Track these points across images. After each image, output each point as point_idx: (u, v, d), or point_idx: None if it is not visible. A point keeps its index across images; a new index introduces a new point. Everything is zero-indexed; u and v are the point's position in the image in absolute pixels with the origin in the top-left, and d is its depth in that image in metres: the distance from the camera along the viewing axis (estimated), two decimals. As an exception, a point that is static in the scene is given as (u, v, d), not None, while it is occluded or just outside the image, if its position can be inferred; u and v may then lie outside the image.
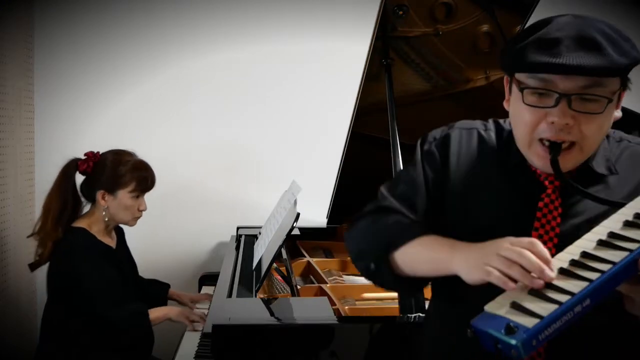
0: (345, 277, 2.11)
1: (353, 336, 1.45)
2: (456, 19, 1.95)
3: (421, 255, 1.00)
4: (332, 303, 1.65)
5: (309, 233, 2.58)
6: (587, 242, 0.87)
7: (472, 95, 2.17)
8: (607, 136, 1.06)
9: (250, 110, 2.96)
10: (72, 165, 2.00)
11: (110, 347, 1.93)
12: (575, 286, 0.79)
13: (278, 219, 2.02)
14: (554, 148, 0.95)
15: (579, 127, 0.94)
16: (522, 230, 1.00)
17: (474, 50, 2.04)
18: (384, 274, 1.04)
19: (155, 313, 2.00)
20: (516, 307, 0.79)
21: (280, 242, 1.78)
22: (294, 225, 1.72)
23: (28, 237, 2.01)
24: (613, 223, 0.88)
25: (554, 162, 0.94)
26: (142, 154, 2.08)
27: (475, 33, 1.99)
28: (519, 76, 0.98)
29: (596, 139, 0.98)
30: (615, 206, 0.92)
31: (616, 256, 0.82)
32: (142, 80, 2.91)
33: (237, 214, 2.92)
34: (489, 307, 0.81)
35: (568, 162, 0.97)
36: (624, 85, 0.98)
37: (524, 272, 0.81)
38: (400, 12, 1.90)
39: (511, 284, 0.81)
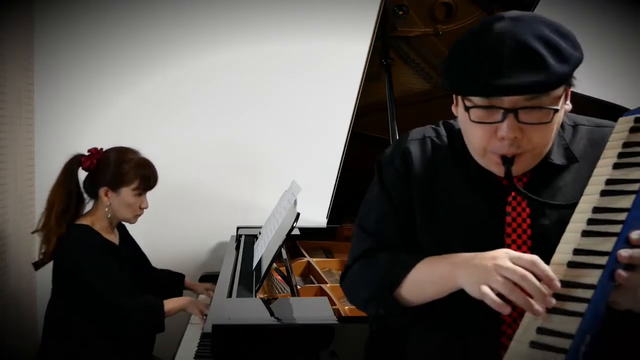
0: (345, 277, 2.11)
1: (353, 336, 1.44)
2: (456, 19, 1.95)
3: (425, 280, 0.99)
4: (332, 303, 1.65)
5: (309, 233, 2.58)
6: (563, 255, 0.85)
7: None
8: (561, 125, 1.05)
9: (251, 110, 2.96)
10: (76, 161, 2.00)
11: (115, 343, 1.93)
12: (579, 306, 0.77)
13: (278, 219, 2.02)
14: (507, 161, 0.95)
15: (529, 138, 0.94)
16: (495, 237, 1.00)
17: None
18: (396, 314, 1.04)
19: (170, 304, 2.00)
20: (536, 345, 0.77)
21: (280, 242, 1.78)
22: (294, 225, 1.72)
23: (33, 232, 2.02)
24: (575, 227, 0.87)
25: (508, 174, 0.94)
26: (143, 154, 2.08)
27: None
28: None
29: (547, 142, 0.98)
30: (568, 208, 0.92)
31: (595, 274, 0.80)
32: (142, 80, 2.91)
33: (237, 214, 2.93)
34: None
35: (523, 166, 0.98)
36: (569, 84, 0.96)
37: (526, 300, 0.81)
38: (400, 12, 1.90)
39: (505, 309, 0.82)
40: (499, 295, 0.84)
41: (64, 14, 2.83)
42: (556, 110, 0.93)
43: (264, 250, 1.99)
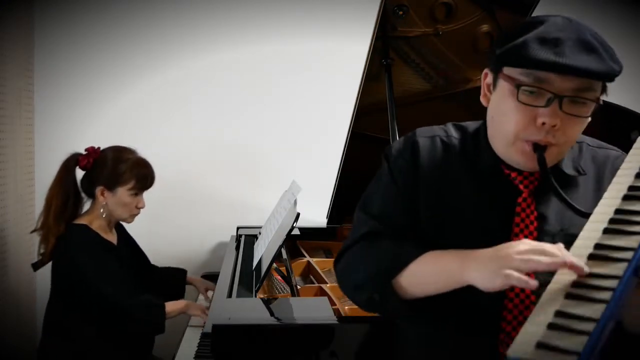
0: (345, 277, 2.11)
1: (353, 336, 1.44)
2: (456, 19, 1.95)
3: (429, 273, 0.97)
4: (332, 303, 1.65)
5: (309, 233, 2.58)
6: (582, 249, 0.84)
7: (472, 95, 2.17)
8: None
9: (250, 110, 2.96)
10: (73, 160, 2.00)
11: (114, 343, 1.93)
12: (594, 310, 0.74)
13: (278, 219, 2.02)
14: (540, 147, 0.96)
15: (564, 130, 0.95)
16: (501, 237, 0.98)
17: (474, 50, 2.04)
18: (391, 302, 1.01)
19: (172, 306, 1.99)
20: (542, 346, 0.72)
21: (280, 242, 1.78)
22: (294, 225, 1.72)
23: (31, 232, 2.01)
24: (591, 233, 0.86)
25: (542, 160, 0.95)
26: (142, 154, 2.08)
27: (475, 33, 1.99)
28: (511, 72, 0.97)
29: (573, 142, 1.01)
30: (583, 216, 0.92)
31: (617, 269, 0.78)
32: (142, 81, 2.91)
33: (237, 214, 2.92)
34: (514, 352, 0.73)
35: (548, 160, 0.98)
36: (604, 91, 0.99)
37: (549, 260, 0.79)
38: (400, 12, 1.90)
39: (532, 282, 0.79)
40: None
41: (64, 14, 2.83)
42: (598, 105, 0.96)
43: (264, 250, 1.99)
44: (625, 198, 0.87)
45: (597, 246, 0.82)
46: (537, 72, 0.93)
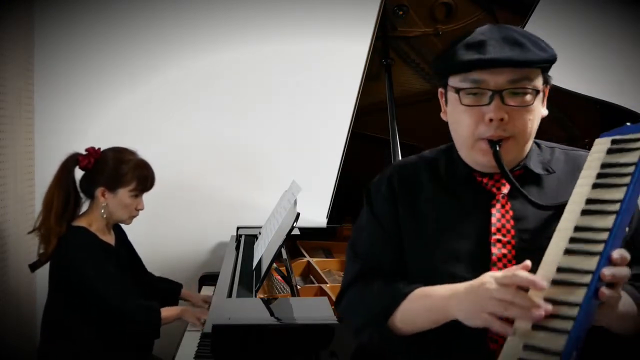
0: (345, 277, 2.11)
1: (353, 336, 1.44)
2: (456, 19, 1.95)
3: (418, 311, 1.03)
4: (332, 303, 1.65)
5: (309, 233, 2.58)
6: (546, 273, 0.87)
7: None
8: (539, 145, 1.14)
9: (250, 110, 2.96)
10: (72, 160, 2.00)
11: (113, 344, 1.93)
12: (573, 296, 0.81)
13: (278, 219, 2.02)
14: (494, 143, 1.02)
15: (513, 122, 1.02)
16: (480, 238, 1.05)
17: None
18: (391, 340, 1.06)
19: (167, 312, 1.99)
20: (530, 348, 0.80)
21: (280, 242, 1.78)
22: (294, 225, 1.72)
23: (29, 233, 2.00)
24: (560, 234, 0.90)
25: (496, 154, 1.01)
26: (142, 154, 2.08)
27: (475, 33, 1.99)
28: (453, 82, 1.06)
29: (529, 132, 1.05)
30: (545, 210, 1.01)
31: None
32: (142, 81, 2.91)
33: (237, 214, 2.92)
34: None
35: (507, 154, 1.04)
36: (546, 81, 1.06)
37: (523, 311, 0.83)
38: (400, 12, 1.90)
39: (510, 330, 0.85)
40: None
41: (64, 14, 2.83)
42: (537, 92, 1.03)
43: (264, 250, 1.99)
44: (584, 213, 0.89)
45: (560, 270, 0.86)
46: (472, 74, 1.02)
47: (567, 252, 0.86)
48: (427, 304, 1.01)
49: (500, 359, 0.84)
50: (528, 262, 0.88)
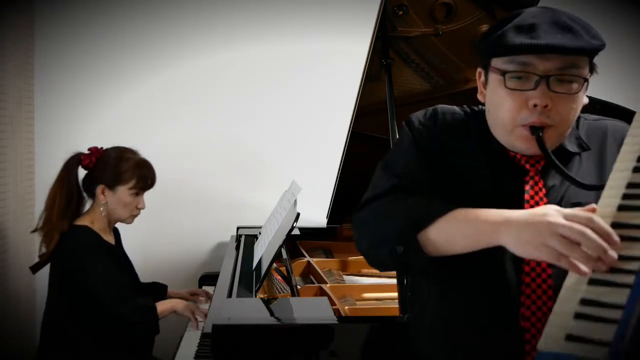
0: (345, 277, 2.11)
1: (353, 336, 1.44)
2: (456, 19, 1.95)
3: (458, 230, 0.96)
4: (332, 303, 1.65)
5: (309, 233, 2.58)
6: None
7: (472, 95, 2.17)
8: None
9: (250, 110, 2.96)
10: (75, 159, 2.01)
11: (113, 344, 1.93)
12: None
13: (278, 219, 2.02)
14: (537, 129, 0.99)
15: (557, 109, 0.99)
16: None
17: (474, 50, 2.04)
18: (414, 255, 0.99)
19: (161, 306, 2.00)
20: (572, 338, 0.70)
21: (280, 242, 1.78)
22: (294, 225, 1.72)
23: (32, 232, 2.01)
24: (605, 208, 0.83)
25: (540, 140, 0.98)
26: (142, 153, 2.08)
27: (475, 33, 1.99)
28: (497, 64, 1.03)
29: (571, 121, 1.03)
30: (589, 189, 0.96)
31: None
32: (142, 81, 2.91)
33: (237, 214, 2.92)
34: (545, 346, 0.71)
35: (548, 142, 1.01)
36: (592, 70, 1.03)
37: (587, 255, 0.76)
38: (400, 12, 1.90)
39: (585, 270, 0.77)
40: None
41: (64, 14, 2.83)
42: (585, 80, 1.00)
43: (264, 251, 1.98)
44: (636, 170, 0.82)
45: (614, 225, 0.79)
46: (519, 57, 0.99)
47: (621, 208, 0.80)
48: (471, 225, 0.94)
49: (554, 314, 0.74)
50: (594, 205, 0.82)
